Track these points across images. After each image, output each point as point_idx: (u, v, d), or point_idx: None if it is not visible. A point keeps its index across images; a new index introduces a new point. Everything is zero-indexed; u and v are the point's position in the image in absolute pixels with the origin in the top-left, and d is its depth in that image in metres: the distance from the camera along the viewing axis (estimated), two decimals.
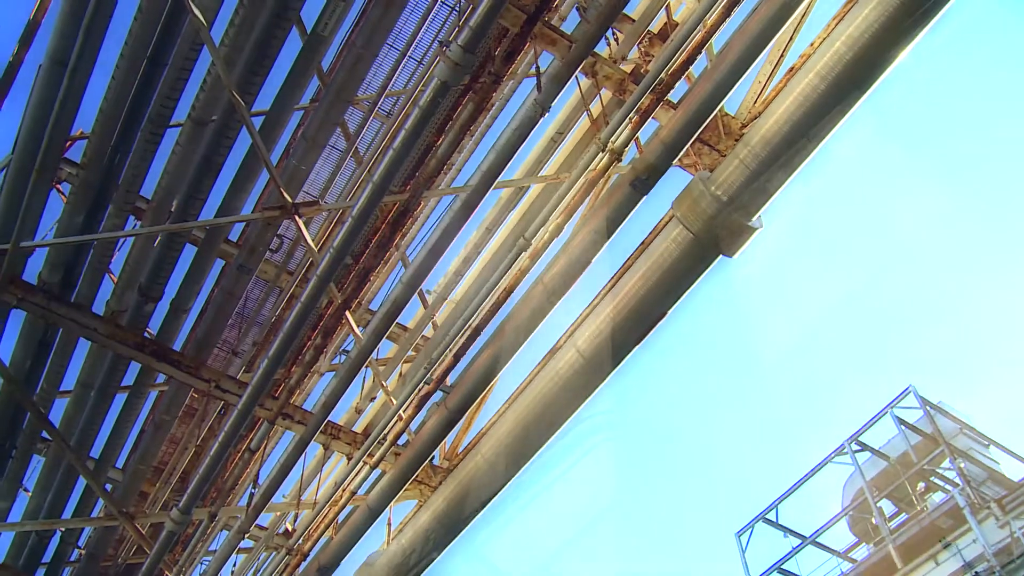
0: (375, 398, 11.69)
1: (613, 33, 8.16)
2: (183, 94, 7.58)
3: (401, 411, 8.17)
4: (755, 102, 7.30)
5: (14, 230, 6.96)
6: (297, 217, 6.70)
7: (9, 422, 10.29)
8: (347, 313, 7.70)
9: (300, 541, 9.61)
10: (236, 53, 7.16)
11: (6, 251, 6.89)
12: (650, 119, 7.00)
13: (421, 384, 8.11)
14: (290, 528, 10.83)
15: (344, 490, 8.81)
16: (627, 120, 6.80)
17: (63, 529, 12.39)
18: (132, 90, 7.36)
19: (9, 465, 11.19)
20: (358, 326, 8.05)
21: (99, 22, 6.73)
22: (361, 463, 8.51)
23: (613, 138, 6.87)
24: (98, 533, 12.23)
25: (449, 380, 8.38)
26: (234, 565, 11.51)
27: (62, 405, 10.46)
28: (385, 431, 8.26)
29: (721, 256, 7.01)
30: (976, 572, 22.82)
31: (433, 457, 8.74)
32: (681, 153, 6.88)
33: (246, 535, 9.10)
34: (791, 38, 7.08)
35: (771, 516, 31.80)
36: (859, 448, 30.31)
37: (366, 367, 8.03)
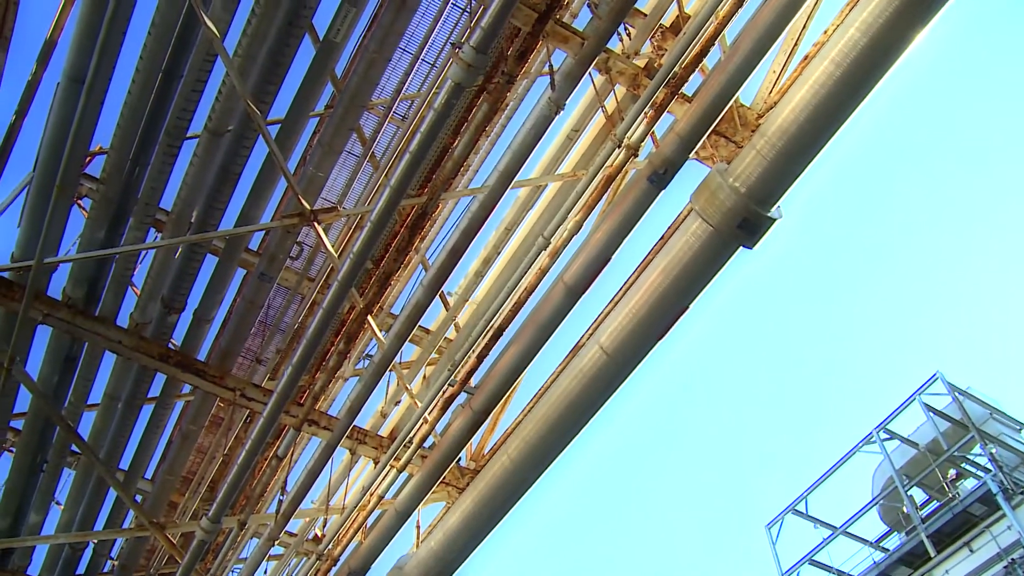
0: (400, 402, 11.71)
1: (625, 28, 8.14)
2: (199, 105, 7.61)
3: (426, 414, 8.17)
4: (770, 92, 7.26)
5: (37, 247, 7.01)
6: (316, 224, 6.72)
7: (39, 437, 10.38)
8: (369, 318, 7.72)
9: (330, 546, 9.65)
10: (250, 63, 7.19)
11: (30, 267, 6.95)
12: (665, 113, 6.98)
13: (445, 386, 8.12)
14: (319, 534, 10.87)
15: (372, 494, 8.83)
16: (642, 115, 6.78)
17: (95, 541, 12.49)
18: (148, 104, 7.41)
19: (41, 479, 11.30)
20: (380, 330, 8.07)
21: (114, 38, 6.78)
22: (388, 467, 8.52)
23: (629, 134, 6.85)
24: (130, 544, 12.33)
25: (473, 381, 8.37)
26: (265, 572, 11.57)
27: (90, 418, 10.55)
28: (411, 434, 8.27)
29: (741, 248, 6.97)
30: (1012, 559, 22.59)
31: (460, 459, 8.75)
32: (698, 146, 6.85)
33: (276, 542, 9.14)
34: (804, 26, 7.03)
35: (800, 507, 31.64)
36: (887, 436, 30.11)
37: (390, 371, 8.03)
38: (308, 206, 6.69)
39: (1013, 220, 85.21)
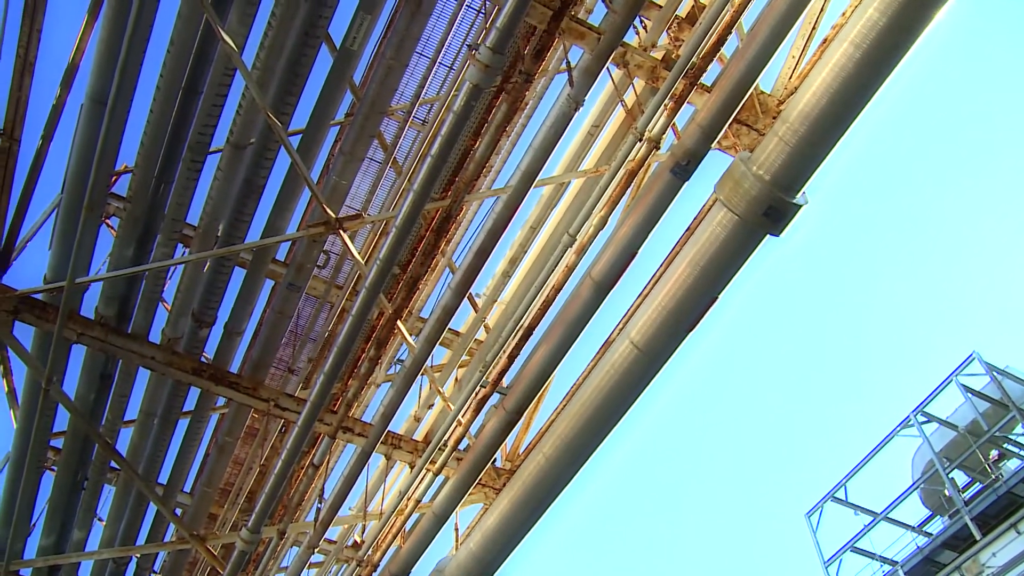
0: (433, 405, 11.74)
1: (641, 21, 8.10)
2: (220, 120, 7.66)
3: (460, 416, 8.18)
4: (790, 77, 7.20)
5: (69, 267, 7.10)
6: (342, 232, 6.74)
7: (79, 455, 10.50)
8: (398, 323, 7.74)
9: (369, 552, 9.68)
10: (269, 75, 7.23)
11: (63, 289, 7.03)
12: (685, 104, 6.94)
13: (477, 387, 8.13)
14: (358, 540, 10.91)
15: (409, 499, 8.85)
16: (662, 107, 6.74)
17: (138, 555, 12.62)
18: (170, 120, 7.46)
19: (82, 496, 11.43)
20: (410, 335, 8.10)
21: (134, 59, 6.84)
22: (424, 470, 8.54)
23: (650, 126, 6.82)
24: (172, 557, 12.45)
25: (505, 381, 8.37)
26: None
27: (128, 435, 10.65)
28: (445, 437, 8.28)
29: (768, 236, 6.92)
30: None
31: (495, 459, 8.75)
32: (719, 136, 6.81)
33: (316, 549, 9.19)
34: (822, 9, 6.96)
35: (840, 494, 31.36)
36: (926, 419, 29.76)
37: (422, 375, 8.06)
38: (333, 214, 6.71)
39: None
